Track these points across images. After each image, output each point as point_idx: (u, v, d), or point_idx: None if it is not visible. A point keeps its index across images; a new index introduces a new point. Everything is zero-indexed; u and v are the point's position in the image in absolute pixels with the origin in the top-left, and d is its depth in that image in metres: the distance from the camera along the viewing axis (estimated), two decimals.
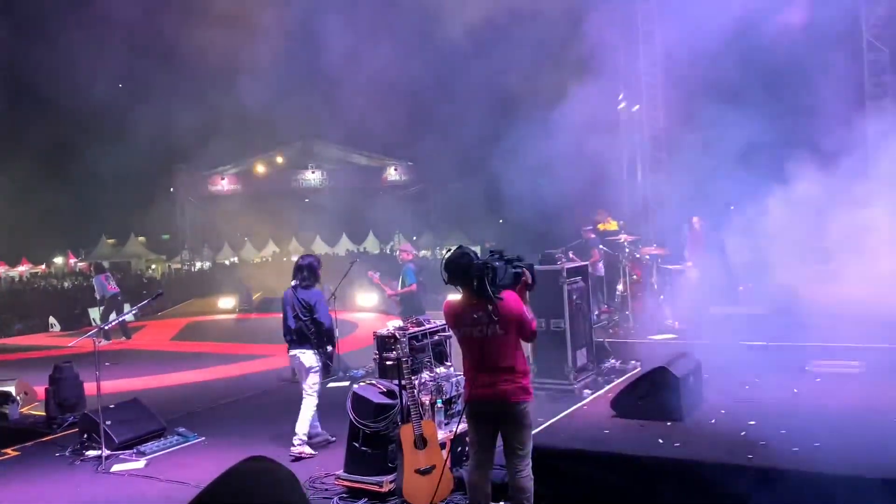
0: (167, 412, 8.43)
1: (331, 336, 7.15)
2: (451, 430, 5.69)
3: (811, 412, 6.20)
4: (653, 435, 5.85)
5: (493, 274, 4.44)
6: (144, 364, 12.90)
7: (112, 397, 8.36)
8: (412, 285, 10.38)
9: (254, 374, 11.38)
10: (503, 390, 4.49)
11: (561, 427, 6.53)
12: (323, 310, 7.02)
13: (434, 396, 5.96)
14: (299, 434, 6.86)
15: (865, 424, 5.74)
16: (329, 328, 7.08)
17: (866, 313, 9.19)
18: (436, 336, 6.41)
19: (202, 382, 11.07)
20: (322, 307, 7.03)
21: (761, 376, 7.55)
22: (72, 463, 7.09)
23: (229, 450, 7.07)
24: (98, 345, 7.35)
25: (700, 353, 7.29)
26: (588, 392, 7.84)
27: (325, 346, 7.07)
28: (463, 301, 4.57)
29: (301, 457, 6.75)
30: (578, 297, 8.24)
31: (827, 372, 7.68)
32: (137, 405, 7.91)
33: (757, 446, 5.36)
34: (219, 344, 15.32)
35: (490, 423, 4.62)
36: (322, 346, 7.05)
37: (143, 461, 6.93)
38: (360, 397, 5.86)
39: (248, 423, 8.34)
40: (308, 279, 7.12)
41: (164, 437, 7.58)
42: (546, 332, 7.81)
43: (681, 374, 6.37)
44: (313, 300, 7.00)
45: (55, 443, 7.85)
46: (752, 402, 6.64)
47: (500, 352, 4.49)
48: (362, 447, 5.73)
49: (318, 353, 7.03)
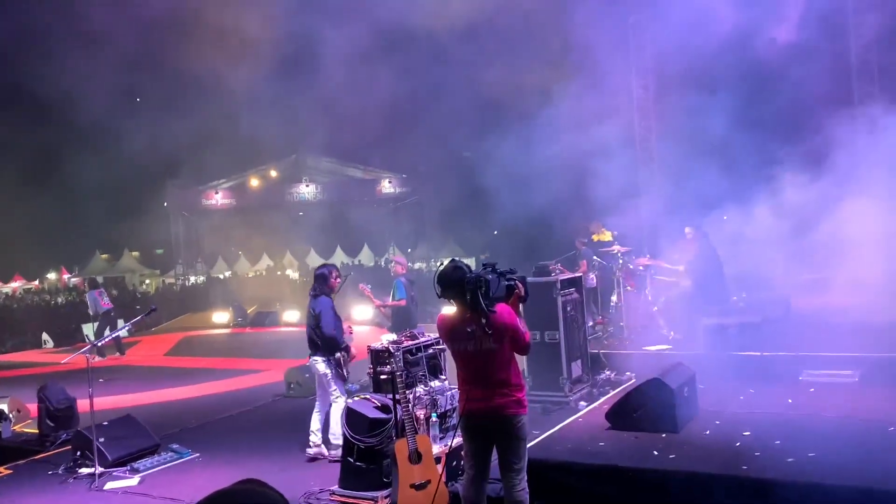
0: (161, 428, 8.38)
1: (331, 345, 7.11)
2: (446, 445, 5.69)
3: (805, 422, 6.21)
4: (648, 447, 5.86)
5: (486, 287, 4.44)
6: (138, 380, 12.85)
7: (106, 413, 8.31)
8: (401, 300, 10.25)
9: (248, 388, 11.34)
10: (498, 404, 4.48)
11: (556, 440, 6.53)
12: (326, 319, 7.05)
13: (429, 410, 5.96)
14: (319, 434, 7.02)
15: (860, 434, 5.76)
16: (329, 337, 7.02)
17: (859, 322, 9.23)
18: (430, 349, 6.42)
19: (196, 398, 11.01)
20: (326, 316, 7.06)
21: (755, 387, 7.56)
22: (64, 481, 7.04)
23: (223, 466, 7.04)
24: (92, 361, 7.32)
25: (694, 363, 7.30)
26: (584, 404, 7.84)
27: (330, 354, 7.08)
28: (456, 315, 4.57)
29: (317, 457, 6.95)
30: (573, 309, 8.25)
31: (821, 381, 7.70)
32: (131, 421, 7.87)
33: (752, 457, 5.37)
34: (213, 359, 15.25)
35: (485, 436, 4.61)
36: (329, 355, 7.07)
37: (136, 478, 6.88)
38: (354, 412, 5.85)
39: (242, 439, 8.29)
40: (316, 288, 7.22)
41: (157, 453, 7.52)
42: (541, 344, 7.81)
43: (675, 386, 6.38)
44: (318, 309, 7.08)
45: (48, 461, 7.79)
46: (747, 413, 6.65)
47: (494, 365, 4.49)
48: (357, 462, 5.73)
49: (328, 362, 7.05)
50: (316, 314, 7.05)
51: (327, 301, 7.18)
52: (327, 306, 7.13)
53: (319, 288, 7.21)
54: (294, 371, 10.29)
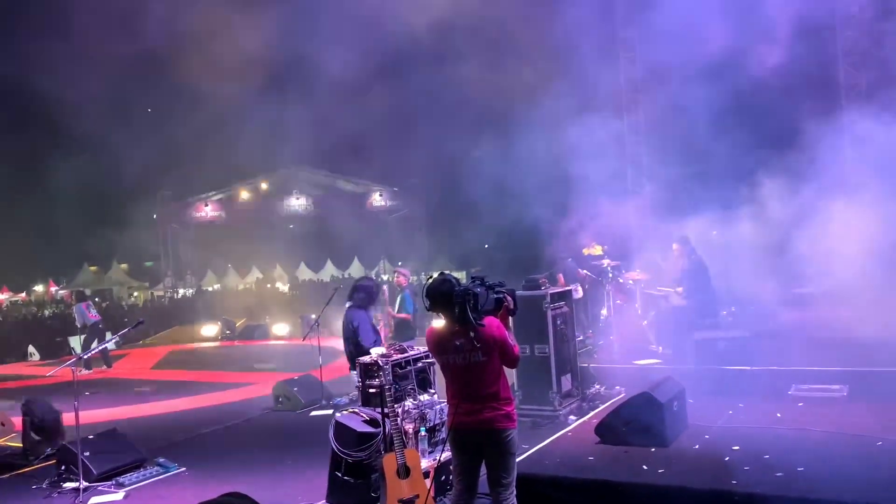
0: (147, 442, 8.31)
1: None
2: (434, 459, 5.65)
3: (794, 437, 6.22)
4: (637, 461, 5.84)
5: (474, 300, 4.43)
6: (125, 393, 12.73)
7: (92, 427, 8.22)
8: (408, 314, 10.19)
9: (236, 402, 11.25)
10: (487, 418, 4.46)
11: (545, 454, 6.50)
12: (364, 333, 6.99)
13: (417, 424, 5.92)
14: None
15: (848, 448, 5.76)
16: (366, 352, 6.89)
17: (846, 336, 9.28)
18: (419, 363, 6.38)
19: (183, 411, 10.92)
20: (363, 330, 7.01)
21: (745, 401, 7.57)
22: (49, 495, 6.94)
23: (210, 480, 6.97)
24: (78, 374, 7.25)
25: (684, 378, 7.30)
26: (573, 418, 7.82)
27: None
28: (445, 328, 4.56)
29: None
30: (562, 323, 8.25)
31: (809, 396, 7.72)
32: (117, 435, 7.79)
33: (741, 471, 5.36)
34: (201, 372, 15.15)
35: (474, 451, 4.58)
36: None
37: (121, 493, 6.80)
38: (342, 426, 5.81)
39: (229, 453, 8.22)
40: (356, 299, 7.15)
41: (143, 467, 7.45)
42: (530, 357, 7.79)
43: (665, 400, 6.37)
44: (356, 322, 7.03)
45: (32, 475, 7.68)
46: (736, 427, 6.65)
47: (483, 379, 4.47)
48: (345, 476, 5.68)
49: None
50: (354, 327, 7.01)
51: (364, 315, 7.14)
52: (364, 320, 7.10)
53: (360, 300, 7.14)
54: (282, 385, 10.23)
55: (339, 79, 16.36)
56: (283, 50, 17.55)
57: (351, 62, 15.37)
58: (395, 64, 16.95)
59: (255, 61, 17.43)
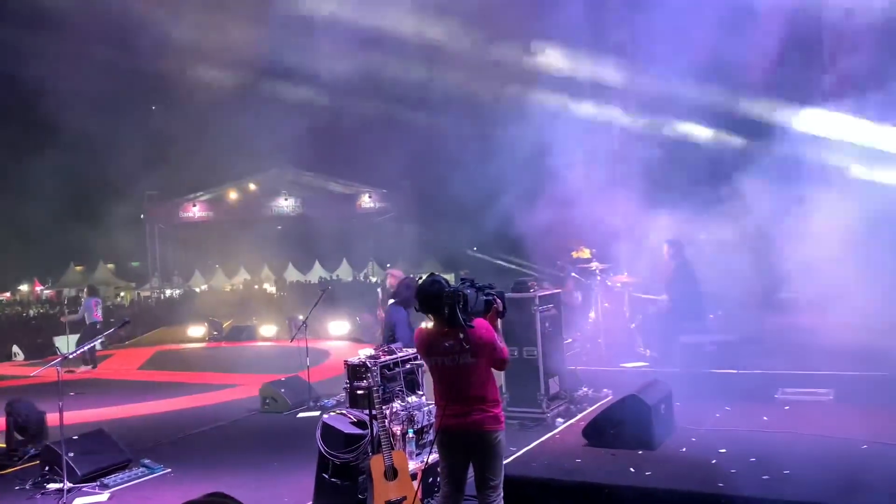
0: (133, 443, 8.24)
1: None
2: (422, 461, 5.63)
3: (781, 440, 6.26)
4: (624, 464, 5.85)
5: (464, 301, 4.42)
6: (111, 393, 12.63)
7: (77, 427, 8.15)
8: None
9: (222, 403, 11.19)
10: (475, 420, 4.45)
11: (533, 456, 6.50)
12: (401, 332, 6.96)
13: (405, 426, 5.89)
14: None
15: (834, 452, 5.79)
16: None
17: (832, 340, 9.33)
18: (407, 365, 6.36)
19: (169, 412, 10.84)
20: (401, 329, 6.98)
21: (731, 404, 7.60)
22: (32, 497, 6.87)
23: (195, 482, 6.92)
24: (63, 374, 7.17)
25: (671, 380, 7.32)
26: (561, 420, 7.82)
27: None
28: (434, 329, 4.55)
29: None
30: (551, 325, 8.26)
31: (796, 399, 7.77)
32: (102, 436, 7.72)
33: (727, 474, 5.38)
34: (187, 373, 15.06)
35: (462, 453, 4.57)
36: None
37: (106, 494, 6.75)
38: (329, 427, 5.78)
39: (215, 454, 8.18)
40: (398, 295, 7.14)
41: (129, 468, 7.39)
42: (519, 359, 7.80)
43: (652, 403, 6.39)
44: (394, 319, 7.02)
45: (15, 476, 7.59)
46: (723, 431, 6.68)
47: (471, 381, 4.46)
48: (332, 478, 5.65)
49: None
50: (391, 325, 7.00)
51: (403, 313, 7.12)
52: (403, 319, 7.07)
53: (402, 296, 7.12)
54: (269, 386, 10.19)
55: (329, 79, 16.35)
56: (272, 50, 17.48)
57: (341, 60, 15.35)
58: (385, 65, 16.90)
59: (244, 61, 17.38)
